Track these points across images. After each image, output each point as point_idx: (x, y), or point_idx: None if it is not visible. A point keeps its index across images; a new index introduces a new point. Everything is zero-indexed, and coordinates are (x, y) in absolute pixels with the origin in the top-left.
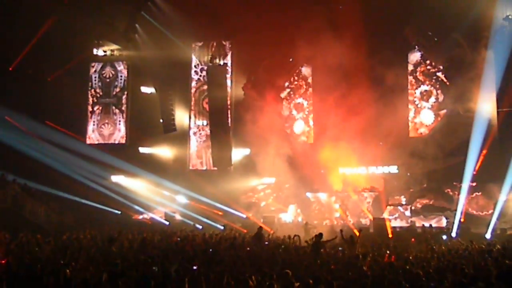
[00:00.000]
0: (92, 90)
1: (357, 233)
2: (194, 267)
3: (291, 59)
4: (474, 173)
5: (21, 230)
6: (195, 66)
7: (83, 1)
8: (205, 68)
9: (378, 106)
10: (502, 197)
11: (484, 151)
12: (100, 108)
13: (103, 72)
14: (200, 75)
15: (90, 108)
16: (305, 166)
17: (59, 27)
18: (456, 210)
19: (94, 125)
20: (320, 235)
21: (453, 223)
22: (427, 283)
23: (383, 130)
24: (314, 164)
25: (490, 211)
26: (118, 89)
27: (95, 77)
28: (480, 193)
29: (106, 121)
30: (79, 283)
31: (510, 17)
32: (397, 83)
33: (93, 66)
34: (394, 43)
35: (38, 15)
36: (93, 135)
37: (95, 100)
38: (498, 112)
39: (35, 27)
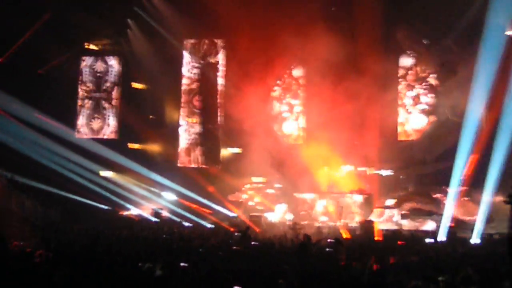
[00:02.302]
0: (83, 84)
1: (345, 235)
2: (182, 264)
3: (283, 59)
4: (463, 177)
5: (7, 222)
6: (186, 63)
7: None
8: (197, 65)
9: (368, 109)
10: (485, 201)
11: (473, 156)
12: (90, 102)
13: (94, 66)
14: (192, 73)
15: (80, 102)
16: (294, 166)
17: (52, 21)
18: (443, 214)
19: (84, 119)
20: (308, 236)
21: (440, 227)
22: (413, 286)
23: (372, 133)
24: (303, 165)
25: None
26: (109, 84)
27: (86, 71)
28: (468, 198)
29: (96, 115)
30: (64, 279)
31: (502, 23)
32: (388, 87)
33: (84, 60)
34: (386, 47)
35: (32, 10)
36: (82, 130)
37: (86, 94)
38: (487, 117)
39: (28, 22)
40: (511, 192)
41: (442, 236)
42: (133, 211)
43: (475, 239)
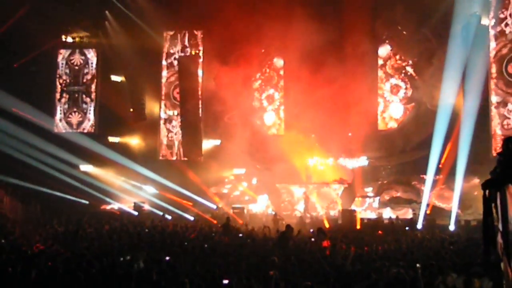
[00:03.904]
0: (60, 78)
1: (327, 225)
2: (167, 258)
3: (263, 50)
4: (440, 166)
5: None
6: (166, 56)
7: None
8: (176, 57)
9: (348, 99)
10: (457, 188)
11: (450, 144)
12: (68, 96)
13: (72, 59)
14: (172, 65)
15: (58, 96)
16: (275, 158)
17: (29, 14)
18: (422, 202)
19: (62, 113)
20: (290, 227)
21: (419, 215)
22: (394, 273)
23: (352, 122)
24: (284, 156)
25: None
26: (88, 77)
27: (63, 64)
28: (445, 186)
29: (75, 109)
30: (45, 274)
31: (477, 13)
32: (367, 77)
33: (61, 53)
34: (365, 36)
35: (9, 4)
36: (61, 124)
37: (64, 88)
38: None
39: (5, 16)
40: (490, 178)
41: (421, 224)
42: (114, 205)
43: (453, 226)
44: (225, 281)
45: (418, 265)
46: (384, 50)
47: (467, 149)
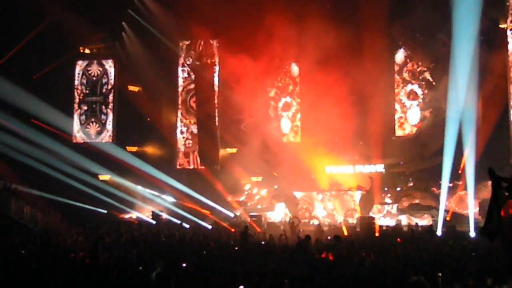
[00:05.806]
0: (78, 88)
1: (346, 232)
2: (184, 264)
3: (278, 59)
4: (460, 171)
5: (7, 230)
6: (182, 65)
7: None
8: (193, 66)
9: (365, 105)
10: (470, 193)
11: (468, 150)
12: (86, 106)
13: (89, 70)
14: (188, 74)
15: (76, 107)
16: (292, 165)
17: (48, 27)
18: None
19: (80, 124)
20: (308, 237)
21: (439, 221)
22: (412, 281)
23: (370, 129)
24: (301, 163)
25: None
26: (105, 88)
27: (81, 75)
28: (465, 192)
29: (93, 119)
30: (65, 283)
31: (494, 17)
32: (384, 83)
33: (79, 64)
34: (381, 42)
35: (31, 17)
36: (79, 135)
37: (81, 98)
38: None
39: (26, 29)
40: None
41: (441, 231)
42: (133, 214)
43: (473, 233)
44: None
45: (439, 274)
46: (401, 55)
47: (473, 155)
